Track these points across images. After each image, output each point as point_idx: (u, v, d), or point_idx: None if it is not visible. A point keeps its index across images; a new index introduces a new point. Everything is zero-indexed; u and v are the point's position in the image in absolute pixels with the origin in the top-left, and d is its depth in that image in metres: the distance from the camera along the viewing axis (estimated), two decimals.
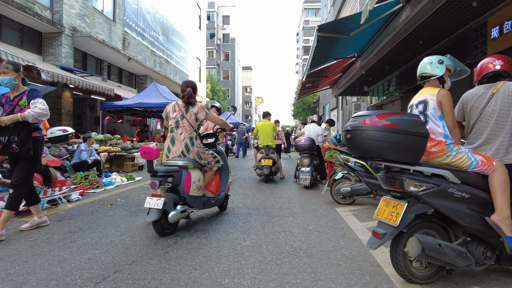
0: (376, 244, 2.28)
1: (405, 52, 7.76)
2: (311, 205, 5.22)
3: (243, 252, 3.01)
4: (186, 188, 3.62)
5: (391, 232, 2.26)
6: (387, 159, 2.32)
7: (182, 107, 3.89)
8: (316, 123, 8.00)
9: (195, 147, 3.84)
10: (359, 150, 2.38)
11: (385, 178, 2.46)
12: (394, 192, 2.44)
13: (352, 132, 2.34)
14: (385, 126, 2.20)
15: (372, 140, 2.24)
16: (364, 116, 2.33)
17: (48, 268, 2.59)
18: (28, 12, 10.40)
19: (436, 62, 2.68)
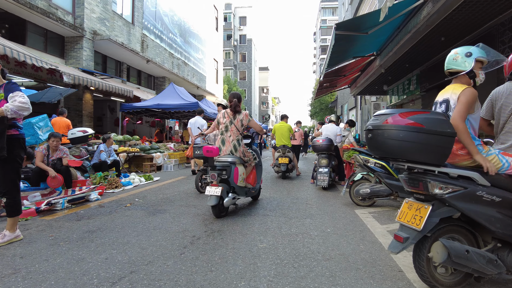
0: (398, 249, 2.17)
1: (427, 50, 7.52)
2: (329, 206, 5.11)
3: (259, 254, 2.96)
4: (235, 179, 4.46)
5: (414, 236, 2.15)
6: (410, 159, 2.21)
7: (230, 115, 4.72)
8: (334, 122, 7.86)
9: (241, 147, 4.66)
10: (381, 151, 2.28)
11: (407, 180, 2.34)
12: (418, 194, 2.32)
13: (374, 131, 2.25)
14: (409, 125, 2.09)
15: (394, 140, 2.14)
16: (386, 114, 2.22)
17: (66, 267, 2.62)
18: (51, 17, 10.72)
19: (463, 55, 2.44)
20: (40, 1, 10.55)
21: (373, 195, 5.06)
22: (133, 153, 9.70)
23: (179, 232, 3.59)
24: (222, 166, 4.40)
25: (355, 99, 20.10)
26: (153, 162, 9.96)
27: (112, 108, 16.75)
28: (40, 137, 5.95)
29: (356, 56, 9.28)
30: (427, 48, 7.40)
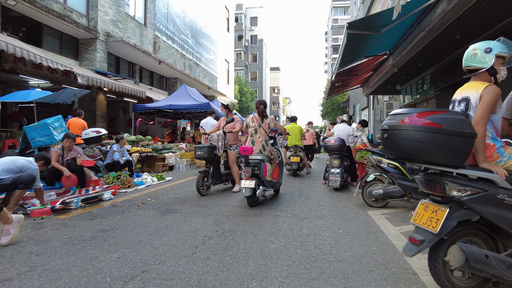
0: (413, 252, 2.12)
1: (441, 48, 7.37)
2: (341, 207, 5.06)
3: (270, 255, 2.94)
4: (264, 174, 5.09)
5: (430, 240, 2.09)
6: (427, 161, 2.14)
7: (258, 119, 5.47)
8: (346, 123, 7.78)
9: (268, 147, 5.34)
10: (397, 151, 2.22)
11: (424, 181, 2.27)
12: (434, 196, 2.26)
13: (390, 131, 2.18)
14: (426, 125, 2.02)
15: (411, 140, 2.07)
16: (403, 114, 2.15)
17: (80, 265, 2.66)
18: (66, 20, 10.93)
19: (482, 51, 2.31)
20: (55, 5, 10.77)
21: (386, 196, 4.98)
22: (146, 153, 9.81)
23: (191, 232, 3.60)
24: (254, 163, 5.05)
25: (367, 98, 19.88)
26: (165, 162, 10.05)
27: (125, 109, 16.98)
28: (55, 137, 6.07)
29: (368, 55, 9.17)
30: (442, 47, 7.25)
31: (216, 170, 6.17)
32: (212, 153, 6.02)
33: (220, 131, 6.23)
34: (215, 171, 6.15)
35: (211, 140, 6.26)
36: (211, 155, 5.99)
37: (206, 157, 5.92)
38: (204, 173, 5.95)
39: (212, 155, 6.00)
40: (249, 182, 4.77)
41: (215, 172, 6.16)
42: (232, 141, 6.39)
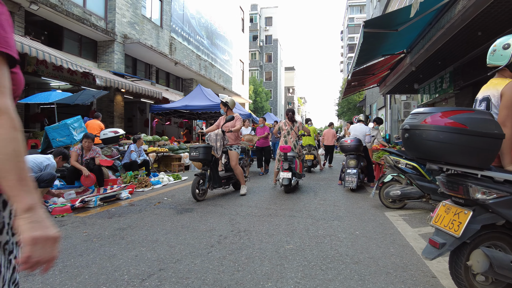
0: (433, 255, 2.05)
1: (461, 45, 7.17)
2: (358, 208, 4.99)
3: (286, 255, 2.93)
4: (296, 168, 6.36)
5: (452, 243, 2.01)
6: (450, 162, 2.06)
7: (289, 124, 6.84)
8: (363, 122, 7.66)
9: (298, 146, 6.79)
10: (418, 152, 2.15)
11: (446, 182, 2.18)
12: (456, 198, 2.17)
13: (411, 131, 2.10)
14: (450, 125, 1.93)
15: (433, 141, 1.99)
16: (425, 113, 2.06)
17: (99, 263, 2.71)
18: (85, 23, 11.21)
19: (500, 48, 2.26)
20: (75, 8, 11.06)
21: (404, 197, 4.89)
22: (162, 153, 9.95)
23: (206, 231, 3.63)
24: (290, 158, 6.23)
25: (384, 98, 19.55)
26: (181, 162, 10.16)
27: (142, 110, 17.26)
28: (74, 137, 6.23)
29: (385, 54, 9.01)
30: (462, 44, 7.06)
31: (213, 173, 5.66)
32: (209, 154, 5.52)
33: (219, 130, 5.73)
34: (212, 174, 5.64)
35: (208, 140, 5.72)
36: (208, 156, 5.49)
37: (201, 158, 5.43)
38: (200, 176, 5.47)
39: (208, 156, 5.50)
40: (287, 174, 5.98)
41: (213, 175, 5.65)
42: (232, 140, 5.99)
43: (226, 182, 6.07)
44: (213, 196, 5.86)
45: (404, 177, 5.08)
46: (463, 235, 1.98)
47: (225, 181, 6.03)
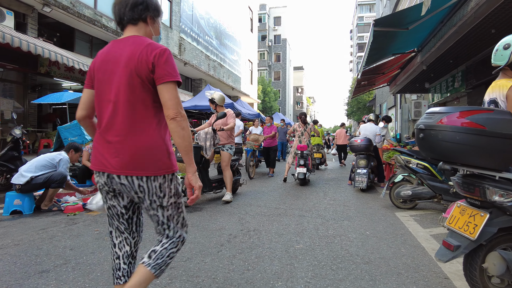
0: (447, 257, 1.99)
1: (474, 44, 7.05)
2: (368, 209, 4.95)
3: (296, 255, 2.92)
4: (309, 164, 7.40)
5: (467, 246, 1.95)
6: (467, 164, 2.00)
7: (302, 126, 7.85)
8: (373, 122, 7.59)
9: (310, 145, 7.84)
10: (433, 153, 2.10)
11: (461, 184, 2.11)
12: (472, 199, 2.10)
13: (426, 131, 2.04)
14: (467, 126, 1.87)
15: (450, 142, 1.92)
16: (441, 113, 2.00)
17: (110, 260, 2.74)
18: (96, 24, 11.36)
19: (501, 48, 2.28)
20: (86, 10, 11.21)
21: (415, 198, 4.83)
22: None
23: (216, 230, 3.64)
24: (305, 156, 7.19)
25: (394, 97, 19.35)
26: None
27: None
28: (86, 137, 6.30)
29: (395, 53, 8.93)
30: (475, 42, 6.94)
31: (202, 175, 5.08)
32: (197, 155, 4.95)
33: (209, 128, 5.17)
34: (201, 177, 5.00)
35: (197, 139, 5.19)
36: (196, 157, 4.89)
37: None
38: None
39: (197, 157, 4.93)
40: (303, 169, 7.07)
41: (201, 178, 5.03)
42: (224, 140, 5.44)
43: (218, 185, 5.46)
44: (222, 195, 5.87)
45: (415, 177, 5.02)
46: (478, 238, 1.92)
47: (217, 185, 5.42)
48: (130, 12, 1.63)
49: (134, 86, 1.52)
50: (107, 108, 1.56)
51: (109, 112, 1.54)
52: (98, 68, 1.64)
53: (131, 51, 1.55)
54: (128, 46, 1.58)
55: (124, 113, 1.52)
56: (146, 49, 1.53)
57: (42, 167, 4.44)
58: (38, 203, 4.55)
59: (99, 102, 1.61)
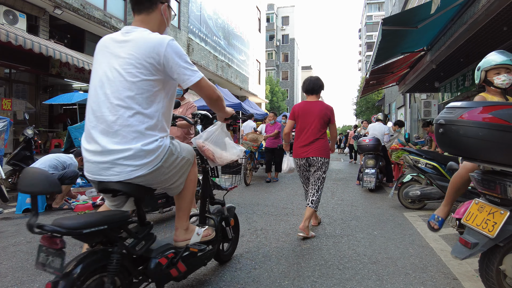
0: (464, 255, 1.95)
1: (485, 42, 6.94)
2: (376, 209, 4.92)
3: (303, 254, 2.93)
4: None
5: (485, 244, 1.91)
6: (488, 160, 1.94)
7: None
8: (382, 121, 7.54)
9: None
10: (454, 148, 2.06)
11: (481, 180, 2.06)
12: (491, 196, 2.05)
13: (446, 126, 1.98)
14: (490, 122, 1.82)
15: (472, 138, 1.87)
16: (462, 108, 1.95)
17: None
18: (106, 25, 11.50)
19: (476, 70, 2.65)
20: (96, 12, 11.36)
21: (424, 198, 4.79)
22: None
23: None
24: None
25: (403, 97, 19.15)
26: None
27: None
28: None
29: (404, 52, 8.84)
30: (486, 40, 6.83)
31: None
32: None
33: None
34: None
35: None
36: None
37: None
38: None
39: None
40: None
41: None
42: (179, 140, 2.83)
43: (166, 202, 3.89)
44: (228, 194, 5.90)
45: (423, 177, 4.98)
46: (498, 236, 1.87)
47: (164, 201, 3.85)
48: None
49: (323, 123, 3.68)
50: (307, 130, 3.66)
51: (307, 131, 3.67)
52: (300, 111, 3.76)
53: (320, 108, 3.69)
54: (317, 105, 3.72)
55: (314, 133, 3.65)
56: (326, 108, 3.70)
57: (53, 167, 4.53)
58: (50, 201, 4.64)
59: (303, 127, 3.70)
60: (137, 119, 1.64)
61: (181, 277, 2.02)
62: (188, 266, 2.04)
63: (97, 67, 1.76)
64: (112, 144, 1.62)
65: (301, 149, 3.58)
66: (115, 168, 1.63)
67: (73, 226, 1.44)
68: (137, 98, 1.65)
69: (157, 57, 1.67)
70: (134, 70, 1.65)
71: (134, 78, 1.65)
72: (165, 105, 1.76)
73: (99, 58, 1.78)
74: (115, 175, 1.63)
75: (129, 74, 1.65)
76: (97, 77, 1.73)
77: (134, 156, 1.63)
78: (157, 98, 1.71)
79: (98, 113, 1.67)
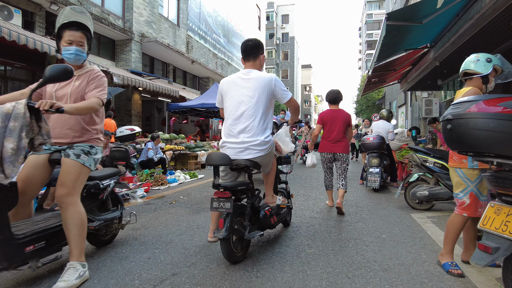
0: (486, 261, 1.81)
1: (491, 38, 6.73)
2: (382, 210, 4.72)
3: (308, 261, 2.72)
4: None
5: (507, 247, 1.77)
6: (501, 154, 1.83)
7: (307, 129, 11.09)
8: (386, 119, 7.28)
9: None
10: (464, 144, 1.96)
11: (494, 179, 1.93)
12: (507, 196, 1.91)
13: (455, 121, 1.93)
14: (501, 112, 1.73)
15: (482, 130, 1.80)
16: (469, 102, 1.91)
17: (109, 265, 2.58)
18: (104, 22, 11.27)
19: (483, 60, 2.50)
20: (94, 8, 11.13)
21: (432, 198, 4.59)
22: (179, 151, 9.87)
23: None
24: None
25: (404, 95, 18.95)
26: (198, 160, 10.07)
27: (159, 108, 17.34)
28: None
29: (407, 48, 8.64)
30: (492, 36, 6.63)
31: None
32: None
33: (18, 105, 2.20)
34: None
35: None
36: None
37: None
38: None
39: None
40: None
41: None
42: (73, 133, 2.43)
43: (43, 249, 2.25)
44: None
45: (431, 177, 4.77)
46: None
47: (39, 249, 2.21)
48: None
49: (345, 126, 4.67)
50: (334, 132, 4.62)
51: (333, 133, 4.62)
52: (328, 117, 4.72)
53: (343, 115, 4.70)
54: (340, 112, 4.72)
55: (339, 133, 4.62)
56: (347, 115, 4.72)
57: None
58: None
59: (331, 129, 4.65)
60: (259, 123, 2.69)
61: (274, 225, 3.19)
62: (278, 218, 3.23)
63: (233, 94, 2.78)
64: (248, 138, 2.67)
65: (329, 146, 4.64)
66: (246, 151, 2.67)
67: (233, 185, 2.64)
68: (259, 111, 2.69)
69: (270, 87, 2.74)
70: (258, 96, 2.71)
71: (258, 100, 2.71)
72: (271, 114, 2.83)
73: (232, 87, 2.80)
74: (247, 155, 2.67)
75: (255, 98, 2.71)
76: (234, 100, 2.76)
77: (259, 144, 2.67)
78: (269, 110, 2.79)
79: (236, 119, 2.72)
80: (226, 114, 2.80)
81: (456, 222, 2.52)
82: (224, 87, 2.86)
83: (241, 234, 2.66)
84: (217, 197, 2.51)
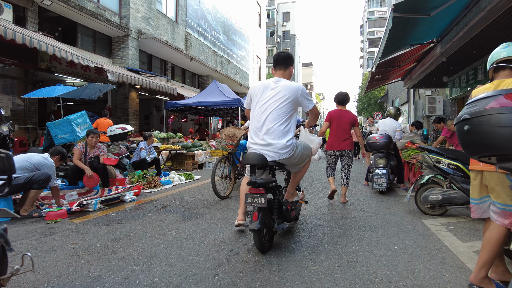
0: None
1: (502, 31, 6.34)
2: (391, 215, 4.33)
3: (312, 281, 2.33)
4: None
5: None
6: None
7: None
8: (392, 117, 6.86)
9: None
10: (487, 146, 1.62)
11: None
12: None
13: (473, 120, 1.62)
14: None
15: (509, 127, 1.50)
16: (487, 98, 1.63)
17: (83, 286, 2.20)
18: (99, 18, 10.91)
19: None
20: (89, 3, 10.77)
21: (446, 203, 4.21)
22: (175, 150, 9.50)
23: (215, 244, 3.07)
24: None
25: (407, 93, 18.55)
26: (195, 160, 9.70)
27: (158, 107, 17.00)
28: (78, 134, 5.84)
29: (413, 43, 8.26)
30: (504, 29, 6.25)
31: None
32: None
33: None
34: None
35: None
36: None
37: None
38: None
39: None
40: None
41: None
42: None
43: None
44: (225, 200, 5.32)
45: (444, 179, 4.39)
46: None
47: None
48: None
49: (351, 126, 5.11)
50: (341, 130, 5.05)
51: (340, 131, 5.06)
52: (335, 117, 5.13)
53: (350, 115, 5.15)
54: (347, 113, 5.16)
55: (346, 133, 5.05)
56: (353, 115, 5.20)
57: (23, 169, 3.96)
58: (18, 208, 4.06)
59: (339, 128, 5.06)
60: (283, 126, 2.94)
61: (294, 218, 3.63)
62: (296, 212, 3.49)
63: (261, 99, 3.06)
64: (271, 140, 2.92)
65: (337, 144, 5.01)
66: (270, 153, 2.91)
67: (266, 181, 2.81)
68: (284, 116, 2.95)
69: (296, 96, 3.00)
70: (284, 103, 2.98)
71: (283, 106, 2.97)
72: (294, 119, 3.06)
73: (262, 92, 3.08)
74: (271, 157, 2.91)
75: (281, 104, 2.97)
76: (262, 105, 3.04)
77: (281, 147, 2.91)
78: (292, 116, 3.03)
79: (262, 123, 2.98)
80: (253, 116, 3.09)
81: (498, 236, 2.11)
82: (255, 91, 3.16)
83: (270, 226, 2.90)
84: (252, 193, 2.74)
